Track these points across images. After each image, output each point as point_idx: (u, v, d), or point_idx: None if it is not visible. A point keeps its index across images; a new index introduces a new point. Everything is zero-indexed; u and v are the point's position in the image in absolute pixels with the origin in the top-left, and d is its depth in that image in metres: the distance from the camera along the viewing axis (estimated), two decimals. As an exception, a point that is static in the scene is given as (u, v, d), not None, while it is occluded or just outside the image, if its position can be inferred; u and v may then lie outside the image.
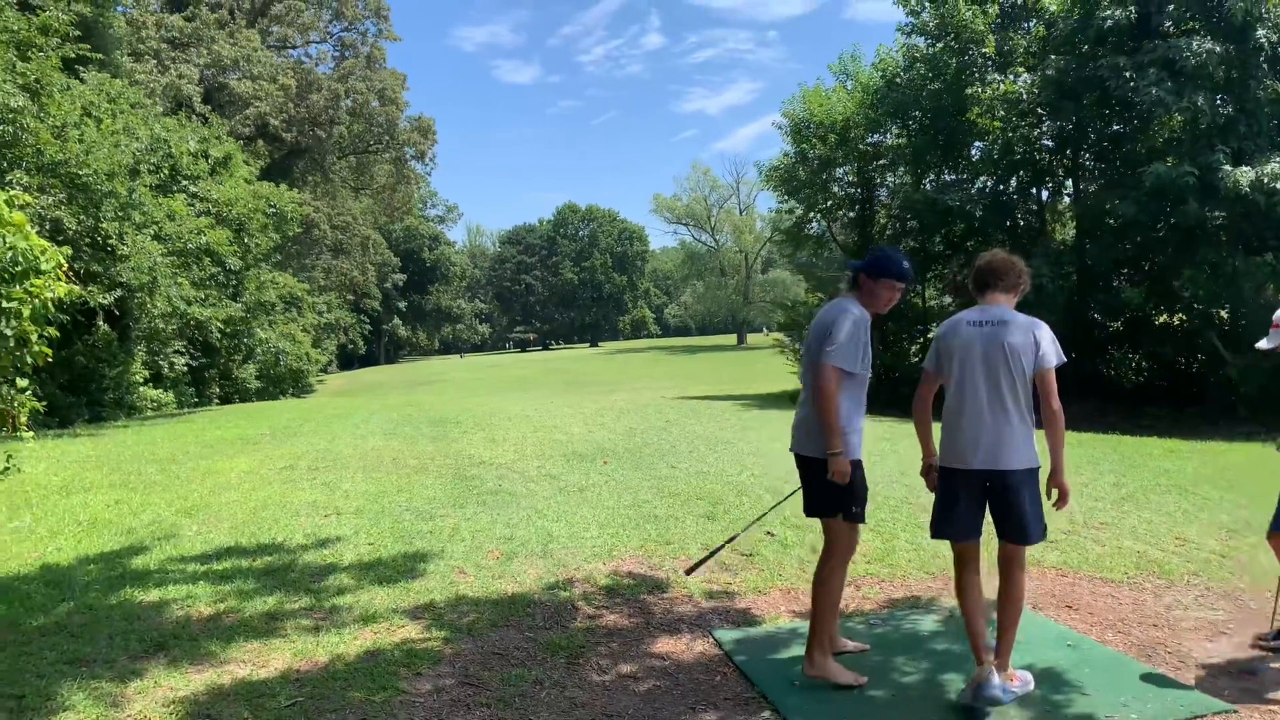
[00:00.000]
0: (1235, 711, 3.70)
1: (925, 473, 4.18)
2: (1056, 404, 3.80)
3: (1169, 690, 3.94)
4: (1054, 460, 3.87)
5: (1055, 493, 3.91)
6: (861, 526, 4.32)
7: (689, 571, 5.46)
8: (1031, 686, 3.96)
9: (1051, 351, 3.85)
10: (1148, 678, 4.08)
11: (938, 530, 4.03)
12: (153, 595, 5.31)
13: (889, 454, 10.42)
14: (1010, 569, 3.93)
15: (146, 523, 7.28)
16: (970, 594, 3.94)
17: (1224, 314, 16.28)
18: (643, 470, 9.64)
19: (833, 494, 4.07)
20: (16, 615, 4.99)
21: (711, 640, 4.68)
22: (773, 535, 6.67)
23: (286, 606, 5.13)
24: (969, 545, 3.97)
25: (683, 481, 8.87)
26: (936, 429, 4.09)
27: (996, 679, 3.76)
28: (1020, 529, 3.87)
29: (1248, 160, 14.31)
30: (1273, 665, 4.22)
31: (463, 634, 4.72)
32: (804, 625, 4.83)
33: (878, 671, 4.21)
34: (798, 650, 4.43)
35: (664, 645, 4.61)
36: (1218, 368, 15.51)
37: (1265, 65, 14.86)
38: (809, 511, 4.25)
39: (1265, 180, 13.63)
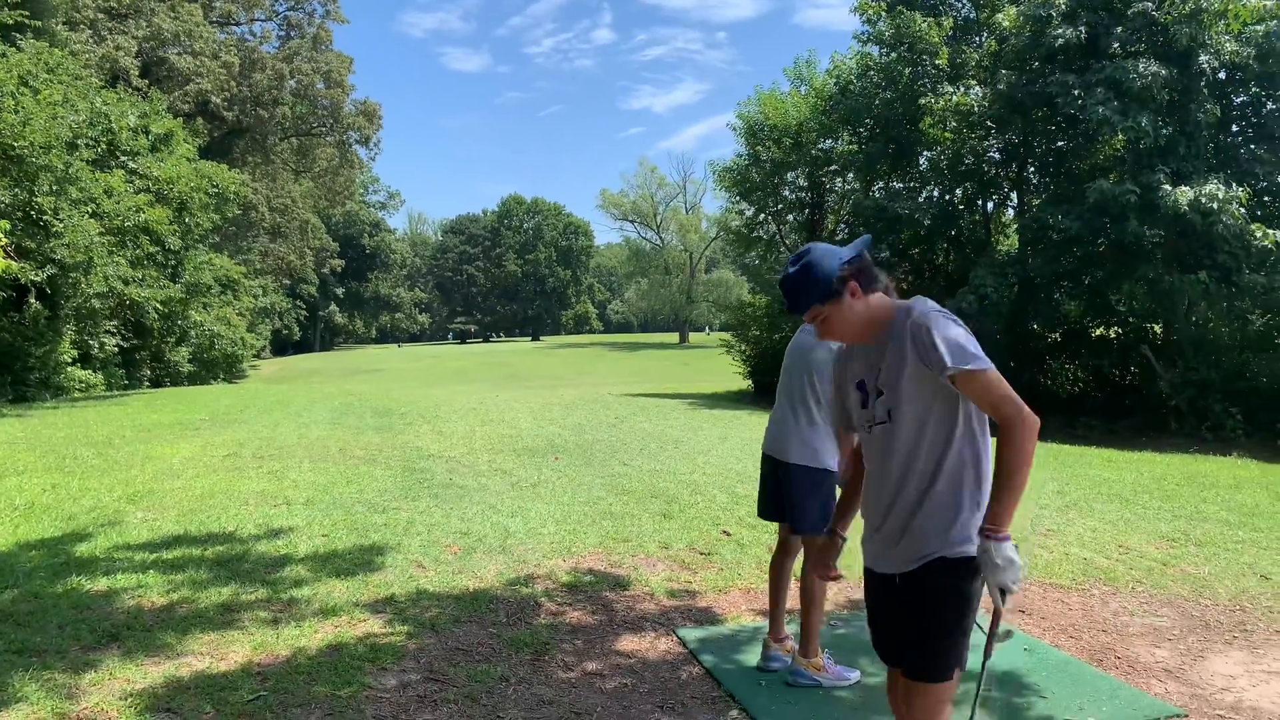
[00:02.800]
0: (1185, 716, 3.82)
1: None
2: None
3: (1121, 694, 4.05)
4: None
5: None
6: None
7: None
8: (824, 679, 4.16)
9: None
10: (1101, 682, 4.19)
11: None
12: (101, 584, 5.15)
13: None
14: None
15: (87, 508, 7.06)
16: (773, 572, 4.45)
17: (1157, 329, 16.79)
18: (595, 467, 9.63)
19: None
20: (-43, 602, 4.80)
21: (675, 639, 4.69)
22: (729, 535, 6.72)
23: (242, 598, 5.01)
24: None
25: (636, 479, 8.89)
26: None
27: (772, 650, 4.31)
28: (801, 516, 4.21)
29: (1186, 181, 14.77)
30: None
31: (426, 629, 4.66)
32: (765, 624, 4.89)
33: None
34: (761, 649, 4.48)
35: (629, 643, 4.61)
36: (1150, 380, 16.00)
37: (1205, 90, 15.34)
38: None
39: (1203, 201, 14.09)
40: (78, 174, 16.57)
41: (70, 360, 21.26)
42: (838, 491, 4.16)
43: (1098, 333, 18.02)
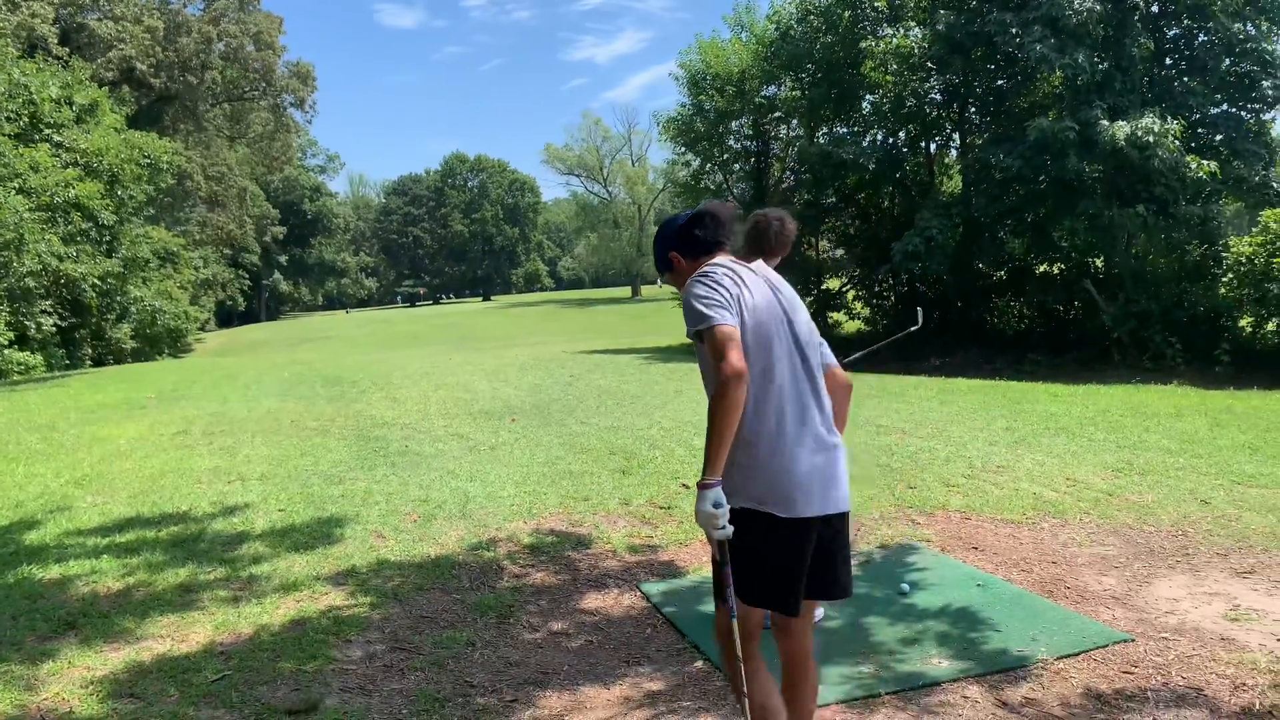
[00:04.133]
0: (1133, 640, 3.96)
1: None
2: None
3: (1071, 622, 4.18)
4: None
5: None
6: None
7: None
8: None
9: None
10: (1052, 612, 4.32)
11: None
12: (53, 572, 5.07)
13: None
14: None
15: (34, 495, 6.92)
16: None
17: (1099, 263, 17.13)
18: (552, 427, 9.63)
19: None
20: (-96, 599, 4.70)
21: (639, 594, 4.74)
22: (688, 488, 6.78)
23: (201, 578, 4.96)
24: None
25: (594, 437, 8.90)
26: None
27: None
28: None
29: (1122, 115, 14.98)
30: None
31: (389, 599, 4.66)
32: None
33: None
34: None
35: (593, 601, 4.65)
36: (1093, 314, 16.35)
37: (1139, 24, 15.53)
38: None
39: (1139, 135, 14.31)
40: (0, 149, 15.97)
41: (7, 343, 20.70)
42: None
43: (1041, 269, 18.35)
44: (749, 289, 2.62)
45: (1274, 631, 4.01)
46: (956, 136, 20.28)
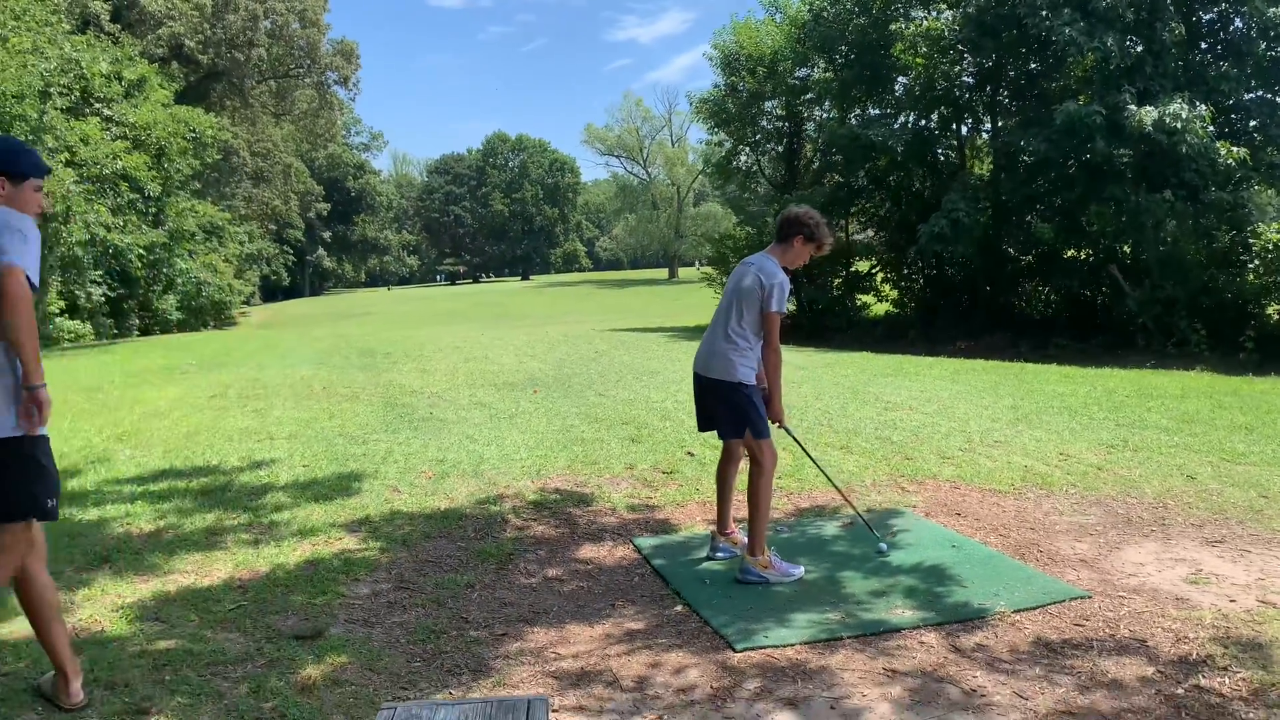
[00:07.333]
0: (1090, 596, 4.18)
1: None
2: (774, 345, 4.53)
3: (1035, 581, 4.41)
4: (771, 392, 4.60)
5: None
6: (777, 445, 4.72)
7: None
8: (777, 576, 4.47)
9: (774, 299, 4.44)
10: (1018, 571, 4.55)
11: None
12: (91, 514, 5.48)
13: (805, 380, 10.94)
14: (748, 466, 4.65)
15: (77, 448, 7.37)
16: (718, 475, 4.89)
17: (1126, 249, 17.04)
18: (572, 398, 9.95)
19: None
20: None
21: (632, 546, 5.04)
22: (693, 455, 7.06)
23: (225, 523, 5.35)
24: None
25: (610, 408, 9.20)
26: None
27: (719, 542, 4.83)
28: (721, 425, 4.66)
29: (1152, 100, 14.89)
30: None
31: (398, 544, 5.01)
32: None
33: (781, 570, 4.61)
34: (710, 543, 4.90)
35: (588, 552, 4.96)
36: (1119, 300, 16.30)
37: (1171, 8, 15.39)
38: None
39: (1167, 120, 14.24)
40: (53, 123, 16.57)
41: (58, 311, 21.46)
42: (759, 402, 4.59)
43: (1069, 254, 18.29)
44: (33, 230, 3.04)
45: (1228, 593, 4.20)
46: (987, 120, 20.23)
